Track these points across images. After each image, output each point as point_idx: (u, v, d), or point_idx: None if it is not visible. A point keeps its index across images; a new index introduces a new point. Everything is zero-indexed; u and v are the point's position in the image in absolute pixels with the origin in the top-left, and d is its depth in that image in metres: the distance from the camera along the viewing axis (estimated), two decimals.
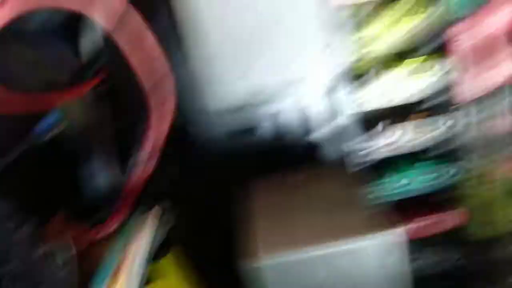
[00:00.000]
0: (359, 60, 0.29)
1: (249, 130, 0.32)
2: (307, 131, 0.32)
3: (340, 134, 0.31)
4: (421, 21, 0.27)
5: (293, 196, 0.28)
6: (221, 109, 0.27)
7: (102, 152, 0.33)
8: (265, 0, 0.26)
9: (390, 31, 0.27)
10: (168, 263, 0.28)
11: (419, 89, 0.29)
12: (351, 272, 0.23)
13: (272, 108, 0.31)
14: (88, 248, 0.27)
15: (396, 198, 0.31)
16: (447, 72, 0.28)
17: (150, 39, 0.27)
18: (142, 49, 0.27)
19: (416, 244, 0.33)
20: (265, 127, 0.32)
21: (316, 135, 0.32)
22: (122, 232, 0.26)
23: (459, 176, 0.31)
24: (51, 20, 0.34)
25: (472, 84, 0.28)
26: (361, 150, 0.30)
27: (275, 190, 0.29)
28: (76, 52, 0.36)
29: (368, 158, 0.31)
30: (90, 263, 0.26)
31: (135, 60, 0.27)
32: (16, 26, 0.30)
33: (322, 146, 0.32)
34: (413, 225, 0.31)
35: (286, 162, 0.32)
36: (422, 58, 0.29)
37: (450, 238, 0.32)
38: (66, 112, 0.32)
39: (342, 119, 0.30)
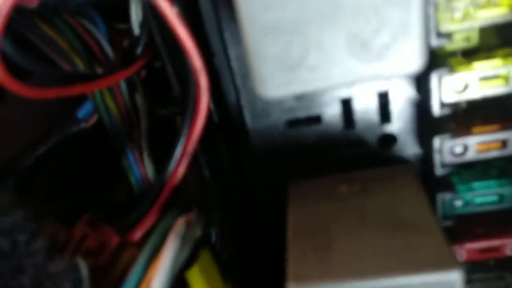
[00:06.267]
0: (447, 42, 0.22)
1: (314, 118, 0.27)
2: (385, 120, 0.26)
3: (427, 127, 0.25)
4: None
5: (344, 206, 0.24)
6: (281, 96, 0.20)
7: (137, 146, 0.30)
8: None
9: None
10: (195, 272, 0.25)
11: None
12: None
13: (343, 91, 0.25)
14: (115, 254, 0.25)
15: (457, 214, 0.26)
16: None
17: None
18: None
19: (470, 267, 0.29)
20: (333, 115, 0.26)
21: (396, 126, 0.26)
22: (149, 241, 0.23)
23: None
24: None
25: None
26: (453, 147, 0.24)
27: (326, 196, 0.25)
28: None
29: (460, 159, 0.24)
30: (116, 271, 0.24)
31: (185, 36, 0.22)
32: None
33: (401, 140, 0.26)
34: (470, 246, 0.26)
35: (355, 157, 0.27)
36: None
37: (507, 265, 0.28)
38: (101, 101, 0.30)
39: (432, 108, 0.23)
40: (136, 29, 0.30)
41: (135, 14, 0.30)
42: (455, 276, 0.18)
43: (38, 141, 0.28)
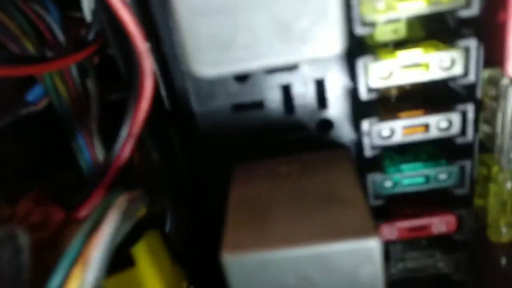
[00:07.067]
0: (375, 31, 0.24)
1: (257, 103, 0.28)
2: (322, 106, 0.28)
3: (358, 112, 0.26)
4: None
5: (282, 185, 0.25)
6: (220, 76, 0.21)
7: (87, 130, 0.31)
8: None
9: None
10: (141, 250, 0.26)
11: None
12: (321, 280, 0.21)
13: (282, 78, 0.27)
14: (60, 231, 0.25)
15: (387, 194, 0.28)
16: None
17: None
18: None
19: (403, 246, 0.31)
20: (274, 100, 0.28)
21: (332, 112, 0.28)
22: (91, 215, 0.23)
23: (460, 177, 0.27)
24: None
25: None
26: (380, 131, 0.26)
27: (267, 176, 0.26)
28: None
29: (388, 141, 0.26)
30: (61, 247, 0.25)
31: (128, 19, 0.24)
32: None
33: (337, 125, 0.28)
34: (400, 225, 0.29)
35: (296, 141, 0.28)
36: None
37: (438, 244, 0.30)
38: (51, 84, 0.30)
39: (360, 93, 0.25)
40: (88, 16, 0.31)
41: (87, 1, 0.30)
42: (373, 243, 0.20)
43: None
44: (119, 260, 0.25)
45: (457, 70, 0.24)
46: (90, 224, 0.22)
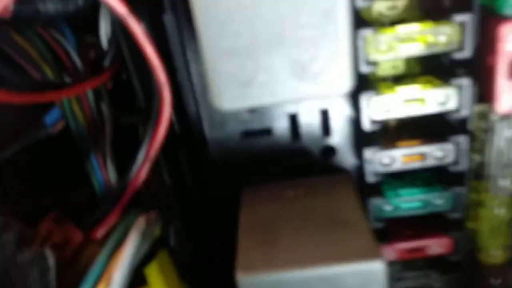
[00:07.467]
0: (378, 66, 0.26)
1: (265, 130, 0.30)
2: (326, 134, 0.30)
3: (361, 140, 0.28)
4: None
5: (289, 208, 0.27)
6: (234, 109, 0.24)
7: (101, 152, 0.32)
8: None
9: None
10: (152, 270, 0.28)
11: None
12: None
13: (290, 107, 0.29)
14: (78, 251, 0.27)
15: (387, 217, 0.30)
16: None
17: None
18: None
19: (402, 266, 0.33)
20: (282, 128, 0.30)
21: (335, 139, 0.30)
22: (111, 237, 0.25)
23: (454, 202, 0.29)
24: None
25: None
26: (381, 159, 0.28)
27: (274, 200, 0.28)
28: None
29: (388, 168, 0.28)
30: (79, 266, 0.26)
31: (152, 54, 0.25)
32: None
33: (340, 151, 0.30)
34: (399, 247, 0.31)
35: (301, 166, 0.30)
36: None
37: (434, 265, 0.32)
38: (68, 108, 0.32)
39: (364, 124, 0.27)
40: (105, 43, 0.33)
41: (104, 29, 0.32)
42: (378, 266, 0.22)
43: (4, 144, 0.30)
44: (133, 279, 0.27)
45: (451, 105, 0.26)
46: (112, 244, 0.24)
